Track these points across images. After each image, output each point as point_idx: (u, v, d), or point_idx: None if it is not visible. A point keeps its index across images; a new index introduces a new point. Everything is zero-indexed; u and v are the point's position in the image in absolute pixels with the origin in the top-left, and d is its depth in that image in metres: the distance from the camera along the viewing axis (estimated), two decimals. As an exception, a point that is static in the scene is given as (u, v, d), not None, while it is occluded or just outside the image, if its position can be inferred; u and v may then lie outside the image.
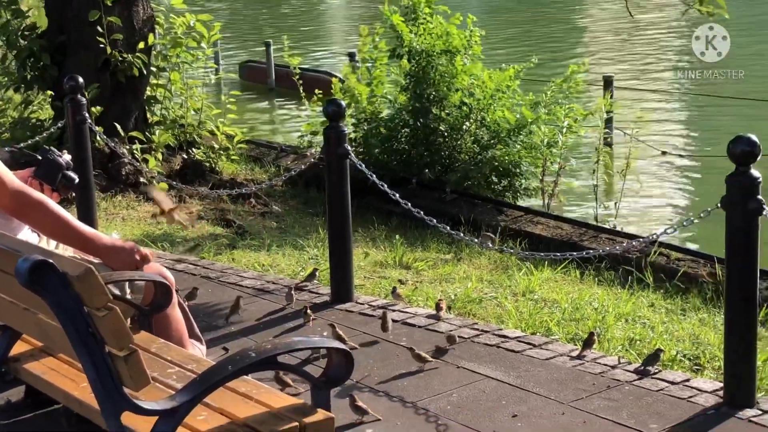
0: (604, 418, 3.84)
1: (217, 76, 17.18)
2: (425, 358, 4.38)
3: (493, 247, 5.78)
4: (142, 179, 8.77)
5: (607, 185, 11.09)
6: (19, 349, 3.45)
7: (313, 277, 5.76)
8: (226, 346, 4.69)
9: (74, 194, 6.84)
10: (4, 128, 9.78)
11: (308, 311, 5.04)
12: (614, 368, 4.33)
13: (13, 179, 3.43)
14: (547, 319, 5.14)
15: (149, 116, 9.57)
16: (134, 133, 8.91)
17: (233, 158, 9.65)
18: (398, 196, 5.29)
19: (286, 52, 10.98)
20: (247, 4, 36.63)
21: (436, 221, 5.11)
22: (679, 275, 6.46)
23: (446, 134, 9.04)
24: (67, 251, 3.62)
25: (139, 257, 3.44)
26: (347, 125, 8.80)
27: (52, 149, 3.97)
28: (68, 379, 3.18)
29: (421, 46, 9.02)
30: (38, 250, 2.91)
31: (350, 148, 5.24)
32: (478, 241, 5.52)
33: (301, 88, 10.54)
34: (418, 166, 9.07)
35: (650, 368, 4.26)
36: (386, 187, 5.33)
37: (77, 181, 4.01)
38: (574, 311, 5.30)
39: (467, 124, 9.04)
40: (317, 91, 10.10)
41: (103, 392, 2.64)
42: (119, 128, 8.69)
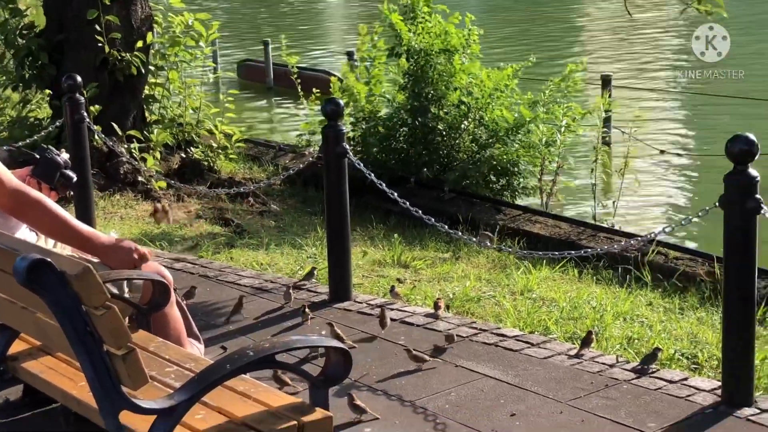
0: (602, 416, 3.84)
1: (215, 75, 17.21)
2: (422, 358, 4.38)
3: (491, 246, 5.78)
4: (140, 178, 8.78)
5: (605, 184, 11.09)
6: (17, 348, 3.44)
7: (311, 275, 5.76)
8: (224, 345, 4.69)
9: (72, 193, 6.84)
10: (2, 127, 9.80)
11: (306, 310, 5.04)
12: (612, 367, 4.33)
13: (11, 178, 3.43)
14: (545, 317, 5.15)
15: (147, 115, 9.57)
16: (132, 132, 8.91)
17: (231, 157, 9.65)
18: (396, 195, 5.29)
19: (284, 51, 10.97)
20: (245, 2, 36.60)
21: (434, 220, 5.12)
22: (677, 274, 6.46)
23: (444, 133, 9.03)
24: (65, 250, 3.62)
25: (137, 256, 3.44)
26: (345, 124, 8.79)
27: (50, 148, 3.97)
28: (66, 378, 3.17)
29: (419, 45, 9.01)
30: (36, 248, 2.91)
31: (348, 147, 5.24)
32: (476, 240, 5.53)
33: (299, 87, 10.54)
34: (416, 165, 9.06)
35: (648, 367, 4.27)
36: (384, 186, 5.33)
37: (75, 179, 4.01)
38: (572, 310, 5.30)
39: (465, 123, 9.03)
40: (315, 90, 10.10)
41: (101, 391, 2.64)
42: (117, 127, 8.69)
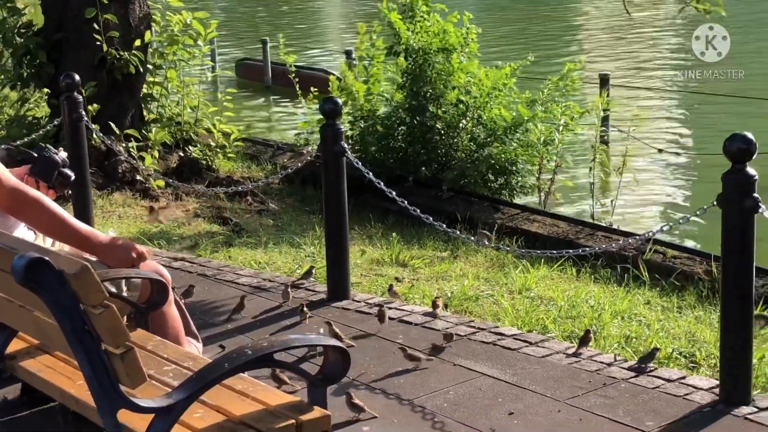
0: (600, 415, 3.84)
1: (213, 73, 17.18)
2: (417, 357, 4.38)
3: (489, 245, 5.78)
4: (138, 177, 8.77)
5: (603, 183, 11.09)
6: (15, 346, 3.44)
7: (309, 274, 5.76)
8: (222, 343, 4.69)
9: (70, 192, 6.83)
10: (0, 126, 9.78)
11: (305, 309, 5.04)
12: (610, 366, 4.33)
13: (9, 177, 3.42)
14: (543, 316, 5.15)
15: (146, 114, 9.57)
16: (130, 130, 8.91)
17: (230, 156, 9.65)
18: (395, 194, 5.29)
19: (282, 49, 10.95)
20: (243, 1, 36.57)
21: (432, 219, 5.12)
22: (675, 273, 6.46)
23: (443, 132, 9.03)
24: (63, 249, 3.62)
25: (135, 255, 3.44)
26: (344, 123, 8.80)
27: (48, 147, 3.97)
28: (64, 376, 3.17)
29: (418, 43, 9.01)
30: (34, 247, 2.91)
31: (347, 145, 5.24)
32: (474, 239, 5.53)
33: (297, 85, 10.53)
34: (414, 164, 9.06)
35: (646, 366, 4.27)
36: (383, 185, 5.34)
37: (73, 178, 4.01)
38: (570, 309, 5.30)
39: (464, 122, 9.03)
40: (313, 88, 10.09)
41: (99, 390, 2.64)
42: (115, 126, 8.68)
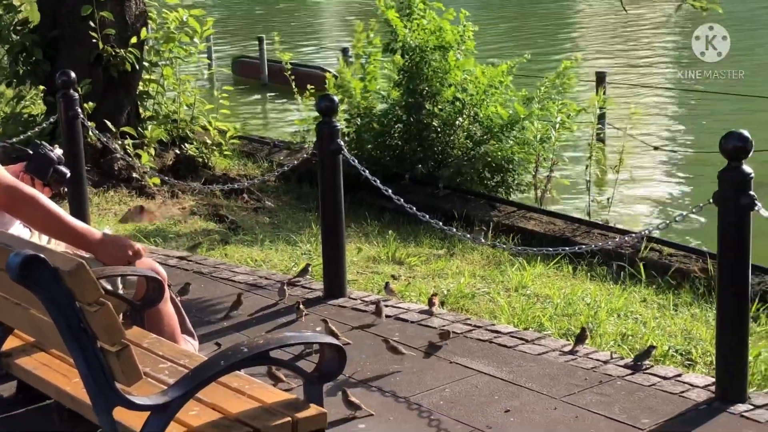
0: (596, 413, 3.85)
1: (210, 71, 17.18)
2: (399, 350, 4.38)
3: (485, 242, 5.78)
4: (134, 174, 8.76)
5: (599, 181, 11.10)
6: (10, 344, 3.44)
7: (305, 272, 5.76)
8: (218, 341, 4.68)
9: (66, 189, 6.80)
10: (-4, 123, 9.77)
11: (301, 306, 5.04)
12: (606, 363, 4.33)
13: (4, 174, 3.42)
14: (539, 314, 5.15)
15: (142, 111, 9.55)
16: (126, 128, 8.90)
17: (226, 153, 9.65)
18: (391, 191, 5.29)
19: (277, 46, 10.94)
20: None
21: (428, 217, 5.11)
22: (671, 271, 6.47)
23: (439, 130, 9.03)
24: (59, 246, 3.61)
25: (131, 252, 3.44)
26: (340, 121, 8.79)
27: (43, 144, 3.96)
28: (60, 374, 3.17)
29: (414, 41, 9.01)
30: (30, 245, 2.90)
31: (343, 143, 5.24)
32: (470, 236, 5.52)
33: (293, 83, 10.52)
34: (411, 161, 9.06)
35: (642, 363, 4.27)
36: (379, 182, 5.33)
37: (69, 175, 4.00)
38: (566, 306, 5.30)
39: (460, 119, 9.03)
40: (310, 86, 10.09)
41: (95, 387, 2.63)
42: (111, 124, 8.67)
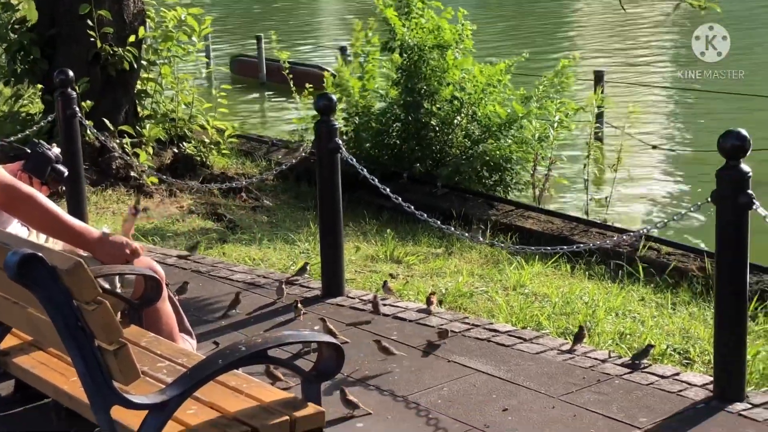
0: (594, 411, 3.85)
1: (208, 70, 17.17)
2: (390, 350, 4.37)
3: (483, 241, 5.78)
4: (132, 173, 8.75)
5: (597, 180, 11.10)
6: (8, 343, 3.44)
7: (303, 271, 5.76)
8: (216, 340, 4.68)
9: (64, 188, 6.81)
10: (-6, 122, 9.76)
11: (299, 305, 5.04)
12: (604, 362, 4.34)
13: (2, 173, 3.41)
14: (537, 313, 5.15)
15: (140, 110, 9.55)
16: (124, 127, 8.89)
17: (224, 152, 9.64)
18: (389, 190, 5.29)
19: (274, 44, 10.92)
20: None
21: (426, 216, 5.11)
22: (669, 269, 6.47)
23: (437, 129, 9.03)
24: (57, 245, 3.61)
25: (129, 251, 3.44)
26: (338, 119, 8.79)
27: (41, 142, 3.95)
28: (58, 373, 3.17)
29: (413, 40, 9.01)
30: (27, 243, 2.90)
31: (341, 142, 5.24)
32: (468, 235, 5.53)
33: (291, 82, 10.52)
34: (409, 160, 9.06)
35: (640, 362, 4.27)
36: (377, 181, 5.33)
37: (66, 174, 4.00)
38: (564, 305, 5.30)
39: (458, 118, 9.03)
40: (308, 85, 10.08)
41: (92, 386, 2.63)
42: (109, 122, 8.66)
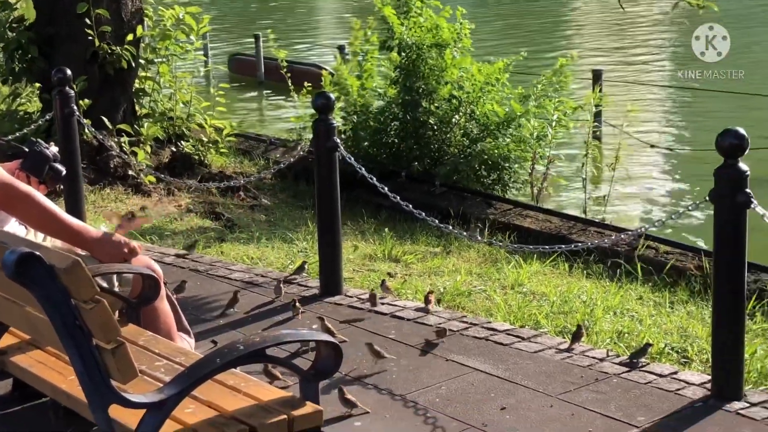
0: (592, 410, 3.85)
1: (206, 68, 17.16)
2: (381, 354, 4.36)
3: (481, 240, 5.78)
4: (130, 172, 8.75)
5: (596, 178, 11.10)
6: (6, 341, 3.43)
7: (302, 270, 5.76)
8: (214, 339, 4.68)
9: (62, 187, 6.81)
10: (-8, 121, 9.75)
11: (297, 304, 5.04)
12: (602, 361, 4.34)
13: (0, 171, 3.41)
14: (535, 312, 5.15)
15: (138, 109, 9.54)
16: (123, 125, 8.88)
17: (222, 151, 9.63)
18: (387, 189, 5.29)
19: (272, 43, 10.91)
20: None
21: (425, 214, 5.12)
22: (667, 268, 6.47)
23: (435, 127, 9.03)
24: (55, 244, 3.61)
25: (127, 250, 3.44)
26: (336, 118, 8.78)
27: (39, 141, 3.95)
28: (56, 371, 3.17)
29: (411, 39, 9.00)
30: (25, 242, 2.90)
31: (339, 141, 5.23)
32: (466, 234, 5.53)
33: (289, 81, 10.50)
34: (407, 159, 9.06)
35: (638, 361, 4.28)
36: (375, 180, 5.33)
37: (64, 173, 4.00)
38: (562, 304, 5.30)
39: (456, 117, 9.03)
40: (306, 83, 10.07)
41: (90, 385, 2.63)
42: (107, 121, 8.66)
